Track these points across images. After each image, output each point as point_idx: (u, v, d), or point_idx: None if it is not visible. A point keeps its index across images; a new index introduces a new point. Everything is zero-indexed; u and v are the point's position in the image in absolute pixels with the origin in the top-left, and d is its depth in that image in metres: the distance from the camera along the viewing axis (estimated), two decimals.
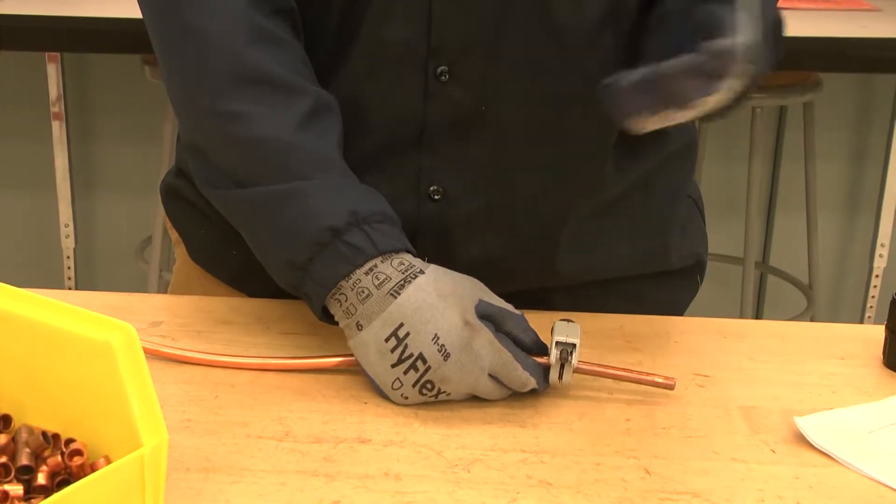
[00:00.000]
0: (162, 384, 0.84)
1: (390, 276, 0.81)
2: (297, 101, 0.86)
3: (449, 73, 0.89)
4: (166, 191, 1.06)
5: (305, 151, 0.85)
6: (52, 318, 0.66)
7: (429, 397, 0.81)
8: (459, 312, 0.80)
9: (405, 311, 0.80)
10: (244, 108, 0.85)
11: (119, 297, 0.99)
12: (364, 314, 0.81)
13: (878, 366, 0.91)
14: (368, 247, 0.82)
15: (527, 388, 0.82)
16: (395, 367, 0.80)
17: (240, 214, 0.88)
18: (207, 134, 0.89)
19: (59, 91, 2.49)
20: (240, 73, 0.85)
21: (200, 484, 0.73)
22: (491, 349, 0.80)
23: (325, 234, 0.82)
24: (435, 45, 0.88)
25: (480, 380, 0.81)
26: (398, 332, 0.80)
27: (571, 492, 0.73)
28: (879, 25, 2.33)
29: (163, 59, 0.90)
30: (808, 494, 0.74)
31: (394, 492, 0.73)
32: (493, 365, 0.80)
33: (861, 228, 2.76)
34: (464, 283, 0.83)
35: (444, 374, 0.80)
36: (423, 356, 0.79)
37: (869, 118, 2.70)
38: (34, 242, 2.79)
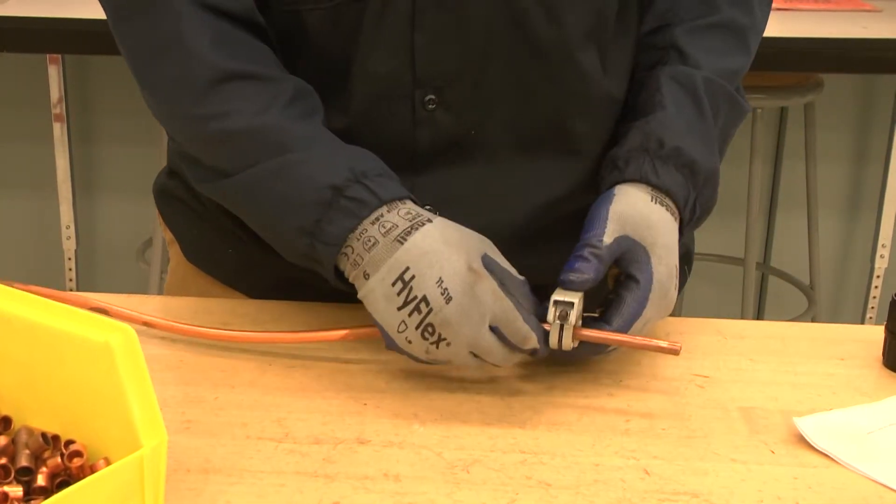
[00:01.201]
0: (162, 385, 0.84)
1: (397, 224, 0.81)
2: (278, 89, 0.87)
3: (436, 101, 0.90)
4: (159, 191, 1.06)
5: (294, 129, 0.85)
6: (52, 319, 0.66)
7: (430, 343, 0.80)
8: (465, 259, 0.80)
9: (411, 255, 0.80)
10: (226, 106, 0.85)
11: (118, 299, 0.99)
12: (371, 262, 0.81)
13: (877, 366, 0.91)
14: (371, 198, 0.82)
15: (527, 346, 0.82)
16: (401, 310, 0.80)
17: (241, 199, 0.88)
18: (195, 137, 0.89)
19: (60, 93, 2.50)
20: (213, 76, 0.85)
21: (200, 485, 0.73)
22: (493, 297, 0.80)
23: (326, 193, 0.82)
24: (420, 75, 0.89)
25: (481, 329, 0.80)
26: (404, 276, 0.80)
27: (570, 492, 0.73)
28: (880, 26, 2.33)
29: (138, 76, 0.90)
30: (807, 495, 0.74)
31: (393, 493, 0.73)
32: (494, 313, 0.80)
33: (862, 229, 2.76)
34: (471, 235, 0.83)
35: (446, 317, 0.79)
36: (426, 298, 0.79)
37: (870, 119, 2.70)
38: (35, 244, 2.79)
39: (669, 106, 0.91)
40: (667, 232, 0.86)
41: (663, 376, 0.88)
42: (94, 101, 2.70)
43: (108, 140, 2.73)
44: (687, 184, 0.89)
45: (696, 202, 0.90)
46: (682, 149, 0.89)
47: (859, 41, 2.22)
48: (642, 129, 0.90)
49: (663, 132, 0.89)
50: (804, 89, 2.32)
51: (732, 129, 0.97)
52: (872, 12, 2.46)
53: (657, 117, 0.90)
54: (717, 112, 0.93)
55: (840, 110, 2.68)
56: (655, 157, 0.88)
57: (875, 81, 2.66)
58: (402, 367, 0.88)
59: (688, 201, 0.89)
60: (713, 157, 0.91)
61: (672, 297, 0.86)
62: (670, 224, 0.87)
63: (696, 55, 0.94)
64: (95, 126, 2.72)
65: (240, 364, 0.88)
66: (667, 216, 0.87)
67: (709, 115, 0.92)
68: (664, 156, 0.88)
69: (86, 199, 2.73)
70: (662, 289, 0.85)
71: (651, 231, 0.85)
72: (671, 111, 0.91)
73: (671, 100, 0.91)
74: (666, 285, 0.85)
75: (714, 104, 0.93)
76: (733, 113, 0.95)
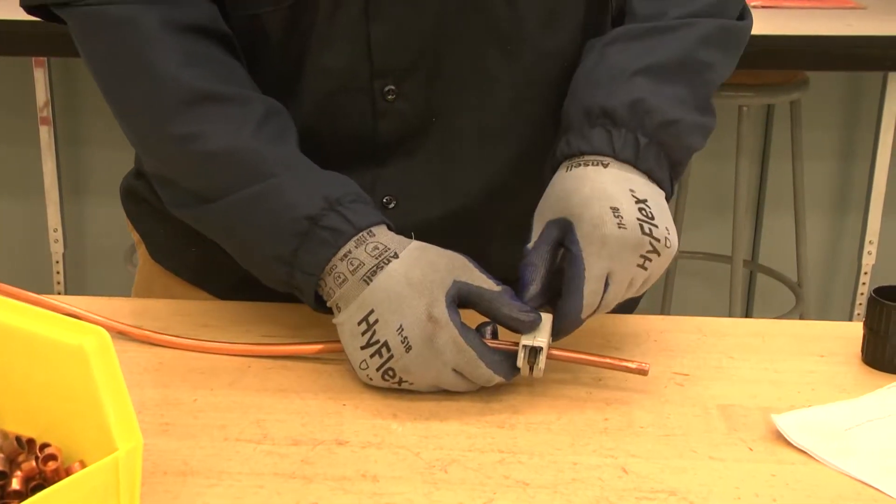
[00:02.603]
0: (140, 388, 0.84)
1: (364, 262, 0.82)
2: (248, 110, 0.87)
3: (396, 91, 0.90)
4: (126, 192, 1.07)
5: (268, 153, 0.85)
6: (26, 322, 0.66)
7: (392, 384, 0.82)
8: (426, 305, 0.80)
9: (376, 297, 0.81)
10: (198, 128, 0.85)
11: (99, 301, 0.99)
12: (341, 297, 0.82)
13: (857, 363, 0.91)
14: (346, 227, 0.82)
15: (491, 384, 0.83)
16: (364, 350, 0.82)
17: (218, 226, 0.88)
18: (168, 160, 0.89)
19: (46, 96, 2.49)
20: (184, 97, 0.85)
21: (178, 487, 0.73)
22: (454, 347, 0.80)
23: (302, 224, 0.82)
24: (378, 66, 0.90)
25: (443, 374, 0.81)
26: (369, 318, 0.81)
27: (548, 491, 0.73)
28: (865, 23, 2.33)
29: (108, 96, 0.90)
30: (784, 492, 0.74)
31: (371, 493, 0.73)
32: (456, 362, 0.81)
33: (849, 226, 2.77)
34: (437, 267, 0.82)
35: (406, 365, 0.81)
36: (387, 344, 0.81)
37: (856, 116, 2.70)
38: (23, 247, 2.79)
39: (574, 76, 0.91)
40: (582, 186, 0.84)
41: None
42: (80, 104, 2.70)
43: (95, 143, 2.73)
44: (604, 129, 0.86)
45: (636, 133, 0.86)
46: (586, 105, 0.87)
47: (844, 38, 2.22)
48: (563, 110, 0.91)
49: (569, 102, 0.89)
50: (790, 87, 2.32)
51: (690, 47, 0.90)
52: (857, 9, 2.47)
53: (569, 94, 0.91)
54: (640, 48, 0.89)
55: (826, 107, 2.68)
56: (568, 131, 0.88)
57: (861, 79, 2.66)
58: None
59: (614, 143, 0.85)
60: (625, 89, 0.87)
61: (613, 233, 0.82)
62: (589, 177, 0.84)
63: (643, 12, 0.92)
64: (82, 129, 2.72)
65: (219, 366, 0.88)
66: (583, 172, 0.85)
67: (615, 59, 0.89)
68: (575, 123, 0.88)
69: (73, 202, 2.73)
70: (597, 237, 0.82)
71: (565, 198, 0.85)
72: (575, 79, 0.91)
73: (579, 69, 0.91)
74: (597, 232, 0.82)
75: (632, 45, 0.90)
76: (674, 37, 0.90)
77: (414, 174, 0.93)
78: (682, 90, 0.88)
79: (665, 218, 0.85)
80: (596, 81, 0.88)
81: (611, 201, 0.83)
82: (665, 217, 0.85)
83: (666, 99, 0.87)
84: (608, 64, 0.89)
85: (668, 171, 0.88)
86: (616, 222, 0.82)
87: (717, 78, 0.92)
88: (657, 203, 0.85)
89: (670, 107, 0.87)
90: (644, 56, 0.88)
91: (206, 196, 0.87)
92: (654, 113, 0.86)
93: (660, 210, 0.85)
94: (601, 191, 0.84)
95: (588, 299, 0.83)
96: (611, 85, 0.87)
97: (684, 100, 0.88)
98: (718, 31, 0.92)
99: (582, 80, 0.90)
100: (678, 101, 0.88)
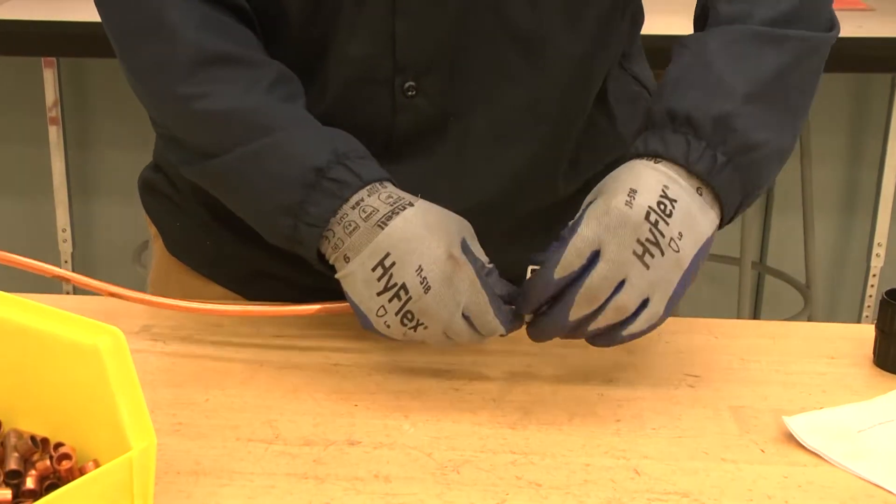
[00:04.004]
0: (153, 388, 0.84)
1: (377, 209, 0.82)
2: (260, 73, 0.87)
3: (416, 88, 0.90)
4: (143, 185, 1.08)
5: (277, 110, 0.86)
6: (41, 322, 0.66)
7: (409, 328, 0.81)
8: (445, 245, 0.80)
9: (392, 240, 0.80)
10: (209, 88, 0.86)
11: (112, 302, 0.99)
12: (351, 247, 0.82)
13: (868, 365, 0.91)
14: (353, 179, 0.82)
15: (493, 335, 0.83)
16: (381, 296, 0.81)
17: (224, 181, 0.88)
18: (178, 118, 0.89)
19: (55, 96, 2.50)
20: (198, 58, 0.86)
21: (190, 487, 0.73)
22: (470, 287, 0.80)
23: (309, 175, 0.82)
24: (400, 61, 0.90)
25: (455, 317, 0.80)
26: (384, 262, 0.80)
27: (560, 493, 0.73)
28: (874, 25, 2.33)
29: (122, 56, 0.91)
30: (797, 494, 0.74)
31: (383, 493, 0.73)
32: (468, 303, 0.80)
33: (858, 228, 2.76)
34: (452, 219, 0.83)
35: (424, 307, 0.80)
36: (405, 286, 0.80)
37: (864, 118, 2.70)
38: (32, 247, 2.78)
39: (667, 73, 0.87)
40: (622, 172, 0.83)
41: (654, 376, 0.88)
42: (89, 104, 2.70)
43: (103, 143, 2.73)
44: (685, 138, 0.83)
45: (716, 150, 0.83)
46: (673, 109, 0.84)
47: (853, 40, 2.22)
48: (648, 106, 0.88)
49: (656, 101, 0.86)
50: None
51: (788, 64, 0.86)
52: (866, 11, 2.46)
53: (657, 91, 0.88)
54: (738, 56, 0.86)
55: (835, 109, 2.68)
56: (649, 130, 0.85)
57: (869, 80, 2.66)
58: (393, 369, 0.88)
59: (690, 154, 0.83)
60: (718, 102, 0.84)
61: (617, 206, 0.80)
62: (634, 167, 0.83)
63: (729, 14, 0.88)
64: (91, 129, 2.72)
65: (231, 366, 0.89)
66: (634, 163, 0.84)
67: (714, 65, 0.85)
68: (658, 123, 0.85)
69: (82, 203, 2.73)
70: (601, 206, 0.80)
71: (604, 182, 0.83)
72: (667, 77, 0.87)
73: (671, 66, 0.88)
74: (604, 203, 0.80)
75: (732, 51, 0.86)
76: (774, 50, 0.86)
77: (428, 171, 0.93)
78: (771, 114, 0.86)
79: (686, 227, 0.81)
80: (688, 85, 0.85)
81: (634, 184, 0.81)
82: (687, 227, 0.81)
83: (753, 120, 0.84)
84: (702, 69, 0.86)
85: (739, 195, 0.85)
86: (626, 200, 0.80)
87: (805, 102, 0.90)
88: (686, 211, 0.81)
89: (755, 129, 0.84)
90: (739, 68, 0.85)
91: (214, 152, 0.87)
92: (738, 133, 0.83)
93: (684, 217, 0.81)
94: (634, 176, 0.82)
95: (568, 257, 0.79)
96: (701, 93, 0.84)
97: (771, 125, 0.86)
98: (812, 48, 0.89)
99: (672, 81, 0.87)
100: (764, 124, 0.85)
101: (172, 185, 1.03)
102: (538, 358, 0.90)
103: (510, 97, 0.93)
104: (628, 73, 1.03)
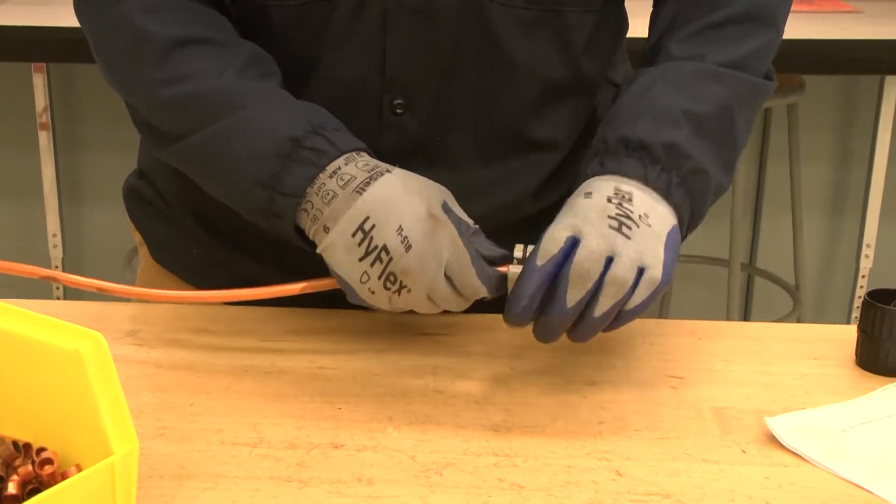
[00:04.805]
0: (137, 392, 0.84)
1: (355, 176, 0.82)
2: (234, 52, 0.87)
3: (404, 106, 0.91)
4: (128, 191, 1.08)
5: (251, 88, 0.86)
6: (22, 327, 0.66)
7: (393, 292, 0.81)
8: (425, 205, 0.81)
9: (370, 205, 0.80)
10: (184, 69, 0.86)
11: (97, 306, 1.00)
12: (330, 215, 0.81)
13: (850, 366, 0.91)
14: (330, 148, 0.83)
15: (476, 297, 0.83)
16: (362, 261, 0.81)
17: (200, 158, 0.88)
18: (152, 103, 0.89)
19: (45, 101, 2.50)
20: (172, 41, 0.86)
21: (174, 491, 0.73)
22: (451, 244, 0.80)
23: (286, 145, 0.82)
24: (389, 79, 0.90)
25: (438, 277, 0.80)
26: (364, 226, 0.80)
27: (543, 494, 0.73)
28: (861, 27, 2.34)
29: (97, 49, 0.91)
30: (777, 494, 0.74)
31: (366, 496, 0.73)
32: (449, 261, 0.80)
33: (847, 229, 2.77)
34: (431, 184, 0.83)
35: (406, 266, 0.80)
36: (386, 248, 0.80)
37: (852, 119, 2.71)
38: (22, 252, 2.79)
39: (616, 105, 0.91)
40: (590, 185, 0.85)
41: (637, 378, 0.89)
42: (79, 110, 2.70)
43: (93, 148, 2.73)
44: (641, 162, 0.85)
45: (671, 173, 0.86)
46: (626, 136, 0.86)
47: (840, 42, 2.23)
48: (598, 134, 0.90)
49: (606, 129, 0.88)
50: (787, 90, 2.33)
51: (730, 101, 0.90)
52: (853, 13, 2.47)
53: (607, 119, 0.90)
54: (683, 91, 0.89)
55: (823, 111, 2.68)
56: (604, 155, 0.87)
57: (857, 82, 2.67)
58: (377, 373, 0.89)
59: (648, 175, 0.85)
60: (667, 131, 0.86)
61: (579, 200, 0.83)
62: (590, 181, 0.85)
63: (681, 54, 0.92)
64: (81, 134, 2.72)
65: (216, 370, 0.89)
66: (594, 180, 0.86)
67: (658, 98, 0.88)
68: (611, 149, 0.87)
69: (72, 208, 2.73)
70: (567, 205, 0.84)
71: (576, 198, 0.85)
72: (616, 108, 0.90)
73: (620, 98, 0.91)
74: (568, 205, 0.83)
75: (678, 87, 0.89)
76: (718, 85, 0.90)
77: None
78: (715, 146, 0.89)
79: (649, 210, 0.83)
80: (639, 114, 0.88)
81: (588, 188, 0.84)
82: (650, 209, 0.83)
83: (702, 149, 0.87)
84: (652, 100, 0.88)
85: (688, 214, 0.87)
86: (584, 196, 0.83)
87: (743, 140, 0.92)
88: (644, 199, 0.83)
89: (704, 157, 0.87)
90: (688, 101, 0.88)
91: (186, 133, 0.87)
92: (690, 159, 0.86)
93: (644, 204, 0.83)
94: (587, 185, 0.85)
95: (545, 244, 0.80)
96: (653, 122, 0.87)
97: (715, 156, 0.88)
98: (753, 92, 0.93)
99: (624, 110, 0.89)
100: (711, 154, 0.88)
101: (157, 192, 1.03)
102: (522, 360, 0.91)
103: (496, 120, 0.93)
104: (611, 82, 1.03)
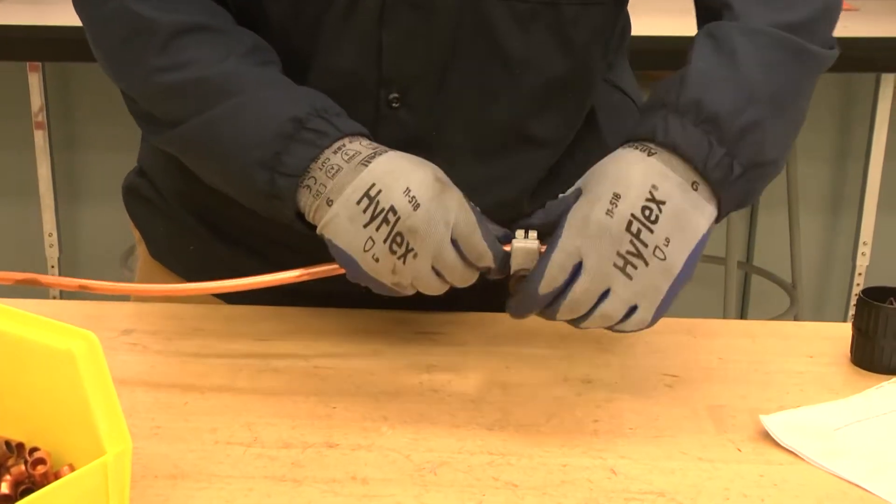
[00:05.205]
0: (131, 391, 0.84)
1: (360, 151, 0.82)
2: (236, 40, 0.87)
3: (400, 100, 0.90)
4: (127, 189, 1.07)
5: (252, 73, 0.86)
6: (15, 327, 0.66)
7: (398, 256, 0.79)
8: (432, 171, 0.81)
9: (376, 173, 0.80)
10: (186, 56, 0.85)
11: (92, 306, 1.00)
12: (334, 188, 0.81)
13: (846, 364, 0.91)
14: (332, 130, 0.82)
15: (482, 264, 0.81)
16: (367, 227, 0.80)
17: (199, 142, 0.87)
18: (154, 89, 0.88)
19: (41, 101, 2.50)
20: (173, 28, 0.86)
21: (168, 490, 0.73)
22: (458, 206, 0.80)
23: (287, 126, 0.82)
24: (386, 73, 0.90)
25: (444, 241, 0.79)
26: (370, 192, 0.80)
27: (537, 493, 0.73)
28: (858, 25, 2.33)
29: (95, 40, 0.90)
30: (772, 492, 0.74)
31: (361, 495, 0.73)
32: (457, 223, 0.80)
33: (843, 227, 2.77)
34: (431, 164, 0.83)
35: (413, 225, 0.79)
36: (393, 208, 0.79)
37: (849, 117, 2.71)
38: (18, 252, 2.79)
39: (696, 61, 0.84)
40: (611, 161, 0.81)
41: (633, 376, 0.89)
42: (75, 109, 2.70)
43: (89, 147, 2.73)
44: (707, 139, 0.80)
45: (734, 160, 0.81)
46: (702, 102, 0.81)
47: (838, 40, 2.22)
48: (664, 83, 0.84)
49: (682, 86, 0.82)
50: None
51: (805, 80, 0.87)
52: (851, 11, 2.47)
53: (680, 72, 0.83)
54: (768, 64, 0.84)
55: (820, 109, 2.68)
56: (671, 112, 0.81)
57: (854, 80, 2.67)
58: (372, 372, 0.88)
59: (708, 158, 0.80)
60: (750, 111, 0.82)
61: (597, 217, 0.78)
62: (626, 158, 0.81)
63: (746, 8, 0.86)
64: (77, 133, 2.72)
65: (210, 370, 0.89)
66: (627, 153, 0.82)
67: (747, 68, 0.83)
68: (681, 109, 0.81)
69: (68, 207, 2.73)
70: (581, 216, 0.79)
71: (593, 169, 0.82)
72: (697, 66, 0.83)
73: (699, 55, 0.84)
74: (584, 211, 0.79)
75: (764, 57, 0.84)
76: (797, 62, 0.86)
77: None
78: (787, 130, 0.85)
79: (675, 231, 0.79)
80: (719, 81, 0.82)
81: (618, 186, 0.79)
82: (676, 230, 0.79)
83: (772, 135, 0.83)
84: (732, 69, 0.83)
85: (734, 206, 0.83)
86: (607, 208, 0.79)
87: (803, 120, 0.89)
88: (676, 213, 0.79)
89: (772, 144, 0.83)
90: (769, 78, 0.83)
91: (186, 119, 0.86)
92: (758, 146, 0.82)
93: (673, 220, 0.79)
94: (622, 175, 0.80)
95: (551, 272, 0.79)
96: (732, 95, 0.82)
97: (782, 139, 0.85)
98: (820, 69, 0.88)
99: (699, 71, 0.83)
100: (778, 139, 0.84)
101: (156, 190, 1.03)
102: (517, 359, 0.91)
103: (493, 114, 0.93)
104: (610, 83, 1.03)
